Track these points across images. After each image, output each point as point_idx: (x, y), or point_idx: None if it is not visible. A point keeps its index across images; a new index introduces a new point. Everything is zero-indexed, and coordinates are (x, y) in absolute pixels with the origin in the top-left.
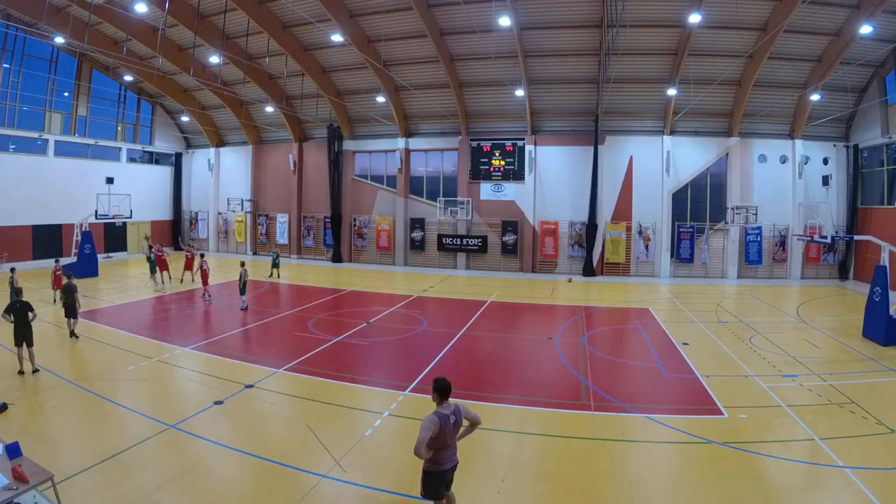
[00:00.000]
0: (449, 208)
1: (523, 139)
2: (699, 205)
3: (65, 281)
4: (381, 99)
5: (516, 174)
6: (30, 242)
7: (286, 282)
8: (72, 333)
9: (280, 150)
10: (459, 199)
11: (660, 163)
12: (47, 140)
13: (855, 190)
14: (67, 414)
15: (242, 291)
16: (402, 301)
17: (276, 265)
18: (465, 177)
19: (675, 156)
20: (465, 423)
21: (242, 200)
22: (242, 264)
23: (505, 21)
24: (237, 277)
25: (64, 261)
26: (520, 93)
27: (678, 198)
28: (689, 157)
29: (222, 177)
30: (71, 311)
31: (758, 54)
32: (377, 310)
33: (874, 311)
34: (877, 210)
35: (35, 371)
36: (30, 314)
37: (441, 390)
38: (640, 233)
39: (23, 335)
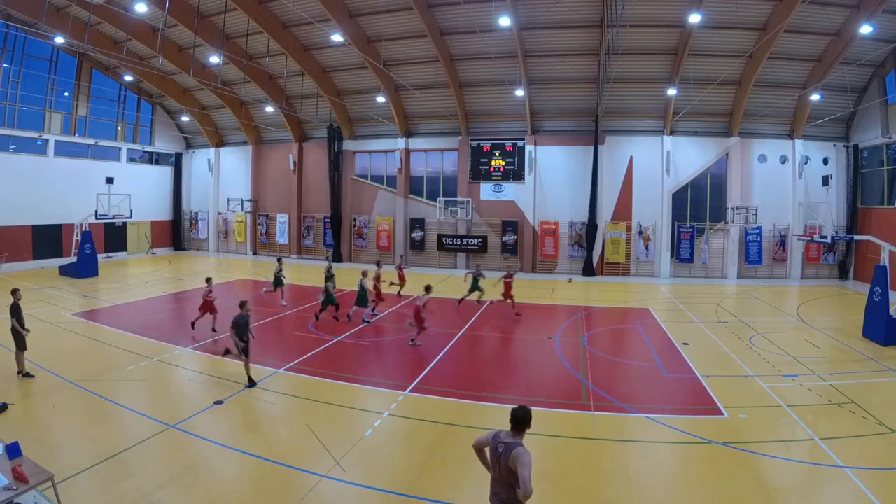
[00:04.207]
0: (449, 208)
1: (523, 139)
2: (699, 205)
3: None
4: (381, 99)
5: (516, 174)
6: (30, 242)
7: (285, 281)
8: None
9: (280, 150)
10: (459, 199)
11: (660, 163)
12: (47, 140)
13: (855, 190)
14: (67, 414)
15: (361, 302)
16: (402, 301)
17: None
18: (465, 177)
19: (675, 156)
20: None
21: (242, 200)
22: (366, 274)
23: (505, 21)
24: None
25: (64, 261)
26: (520, 93)
27: (678, 198)
28: (689, 157)
29: (222, 177)
30: None
31: (758, 54)
32: (377, 310)
33: (874, 311)
34: (877, 210)
35: (19, 373)
36: (11, 320)
37: (511, 417)
38: (640, 233)
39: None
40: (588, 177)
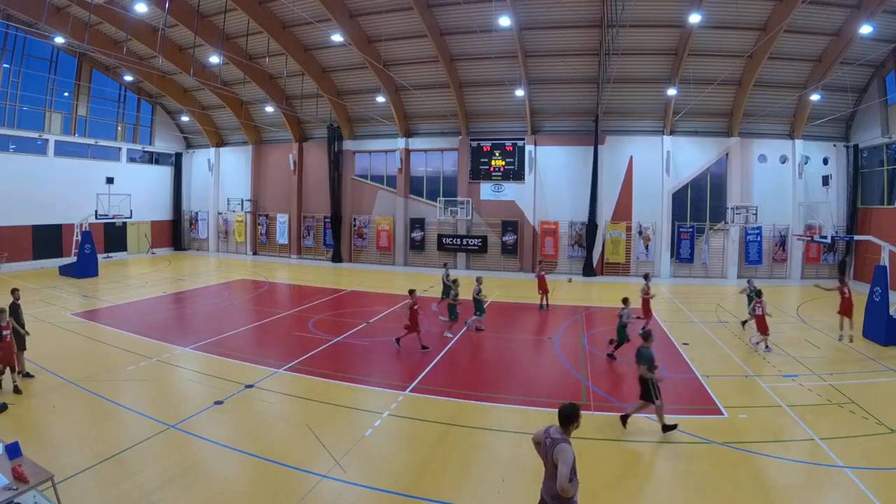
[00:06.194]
0: (449, 208)
1: (523, 139)
2: (699, 205)
3: None
4: (381, 99)
5: (516, 174)
6: (30, 242)
7: (285, 281)
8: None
9: (280, 150)
10: (459, 199)
11: (660, 163)
12: (47, 140)
13: (855, 190)
14: (67, 414)
15: (479, 310)
16: (402, 301)
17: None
18: (465, 177)
19: (675, 156)
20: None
21: (242, 200)
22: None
23: (505, 21)
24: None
25: (64, 261)
26: (520, 93)
27: (678, 198)
28: (689, 157)
29: (222, 177)
30: None
31: (758, 54)
32: (377, 310)
33: (874, 311)
34: (877, 210)
35: (19, 373)
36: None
37: (558, 413)
38: (640, 233)
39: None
40: (588, 177)
